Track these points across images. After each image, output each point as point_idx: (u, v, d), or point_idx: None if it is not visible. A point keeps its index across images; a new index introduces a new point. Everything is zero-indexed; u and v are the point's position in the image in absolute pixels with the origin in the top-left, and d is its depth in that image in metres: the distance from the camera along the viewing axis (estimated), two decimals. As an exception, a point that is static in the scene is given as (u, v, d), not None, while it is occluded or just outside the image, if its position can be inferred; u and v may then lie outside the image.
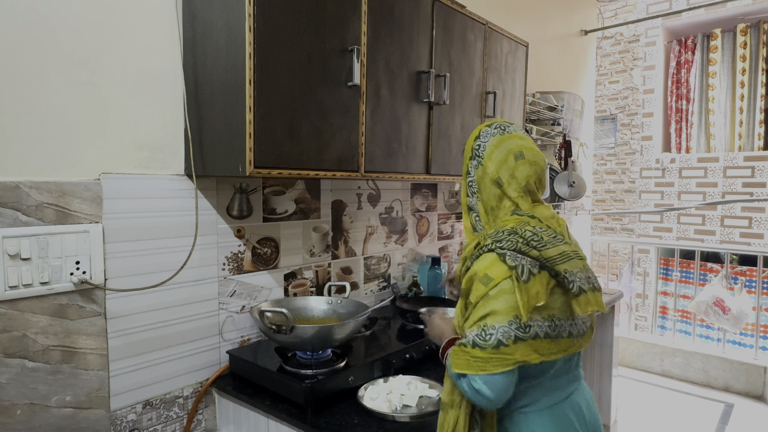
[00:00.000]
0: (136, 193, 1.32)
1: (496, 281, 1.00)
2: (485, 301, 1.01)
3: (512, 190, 1.10)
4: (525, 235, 1.03)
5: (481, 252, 1.06)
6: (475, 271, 1.04)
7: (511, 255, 1.01)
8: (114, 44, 1.27)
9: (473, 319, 1.02)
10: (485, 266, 1.03)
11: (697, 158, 3.88)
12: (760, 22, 3.78)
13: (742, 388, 3.47)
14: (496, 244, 1.04)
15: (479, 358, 0.98)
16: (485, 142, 1.14)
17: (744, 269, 3.68)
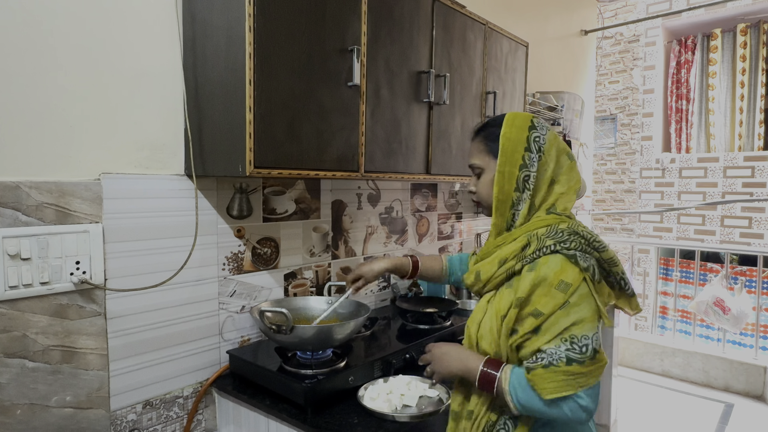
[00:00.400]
0: (136, 193, 1.32)
1: (574, 286, 0.93)
2: (566, 310, 0.93)
3: (560, 188, 1.05)
4: (585, 237, 0.98)
5: (540, 254, 0.97)
6: (543, 276, 0.95)
7: (581, 255, 0.96)
8: (114, 44, 1.27)
9: (554, 331, 0.93)
10: (557, 270, 0.94)
11: (697, 158, 3.88)
12: (760, 22, 3.78)
13: (742, 388, 3.47)
14: (561, 245, 0.96)
15: (579, 374, 0.90)
16: (544, 135, 1.06)
17: (744, 269, 3.68)
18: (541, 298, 0.95)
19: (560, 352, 0.91)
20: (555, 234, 0.98)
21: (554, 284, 0.94)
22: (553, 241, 0.97)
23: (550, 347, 0.93)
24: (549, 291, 0.94)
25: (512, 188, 1.05)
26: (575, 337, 0.92)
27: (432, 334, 1.72)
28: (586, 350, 0.91)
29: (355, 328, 1.42)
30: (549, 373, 0.91)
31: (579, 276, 0.94)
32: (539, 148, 1.05)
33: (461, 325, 1.84)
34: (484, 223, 2.82)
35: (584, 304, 0.94)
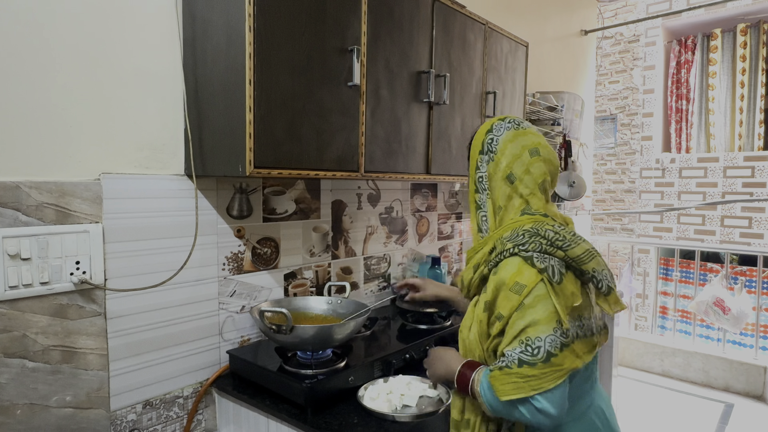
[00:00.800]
0: (136, 193, 1.32)
1: (529, 287, 0.93)
2: (521, 312, 0.93)
3: (524, 187, 1.05)
4: (547, 235, 0.97)
5: (502, 257, 0.99)
6: (502, 279, 0.96)
7: (538, 256, 0.95)
8: (114, 44, 1.27)
9: (511, 334, 0.94)
10: (513, 273, 0.95)
11: (697, 158, 3.88)
12: (760, 22, 3.78)
13: (742, 388, 3.47)
14: (519, 248, 0.97)
15: (531, 376, 0.90)
16: (498, 135, 1.08)
17: (744, 269, 3.68)
18: (502, 301, 0.96)
19: (514, 354, 0.92)
20: (515, 236, 0.99)
21: (509, 286, 0.95)
22: (512, 244, 0.98)
23: (508, 349, 0.94)
24: (507, 294, 0.96)
25: (473, 190, 1.10)
26: (529, 339, 0.92)
27: (432, 334, 1.72)
28: (538, 352, 0.90)
29: (355, 328, 1.42)
30: (503, 375, 0.92)
31: (536, 277, 0.94)
32: (491, 149, 1.08)
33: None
34: (484, 223, 2.82)
35: (539, 306, 0.92)
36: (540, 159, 1.06)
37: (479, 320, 1.02)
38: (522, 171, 1.05)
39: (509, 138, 1.07)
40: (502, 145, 1.07)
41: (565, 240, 0.98)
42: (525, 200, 1.05)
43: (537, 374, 0.90)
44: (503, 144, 1.07)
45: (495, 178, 1.07)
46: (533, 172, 1.05)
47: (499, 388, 0.92)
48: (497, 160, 1.06)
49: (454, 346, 1.30)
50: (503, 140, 1.07)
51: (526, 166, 1.05)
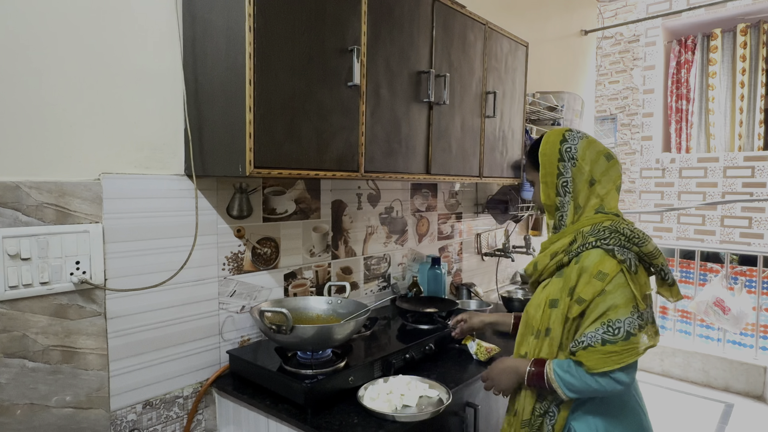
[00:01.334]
0: (136, 193, 1.32)
1: (611, 275, 1.09)
2: (603, 297, 1.09)
3: (602, 187, 1.19)
4: (625, 233, 1.13)
5: (583, 249, 1.14)
6: (585, 267, 1.12)
7: (619, 250, 1.11)
8: (114, 44, 1.27)
9: (592, 317, 1.10)
10: (596, 262, 1.11)
11: (697, 158, 3.88)
12: (760, 22, 3.78)
13: (742, 388, 3.47)
14: (601, 241, 1.13)
15: (613, 352, 1.06)
16: (575, 144, 1.21)
17: (744, 269, 3.68)
18: (584, 286, 1.12)
19: (597, 335, 1.08)
20: (597, 232, 1.15)
21: (593, 274, 1.11)
22: (595, 238, 1.14)
23: (590, 331, 1.09)
24: (589, 280, 1.11)
25: (554, 194, 1.23)
26: (611, 321, 1.08)
27: (432, 334, 1.72)
28: (618, 332, 1.07)
29: (355, 328, 1.42)
30: (588, 354, 1.08)
31: (616, 267, 1.10)
32: (572, 157, 1.21)
33: (461, 325, 1.84)
34: (484, 223, 2.82)
35: (619, 292, 1.09)
36: (615, 162, 1.22)
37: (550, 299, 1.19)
38: (601, 174, 1.20)
39: (585, 146, 1.21)
40: (582, 152, 1.20)
41: (640, 238, 1.14)
42: (601, 199, 1.20)
43: (618, 350, 1.06)
44: (582, 151, 1.20)
45: (578, 181, 1.20)
46: (611, 174, 1.21)
47: (588, 364, 1.08)
48: (579, 165, 1.20)
49: (454, 345, 1.57)
50: (581, 148, 1.21)
51: (605, 170, 1.20)
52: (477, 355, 1.66)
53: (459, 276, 2.64)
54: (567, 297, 1.15)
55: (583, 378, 1.10)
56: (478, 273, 2.79)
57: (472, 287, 2.45)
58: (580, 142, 1.22)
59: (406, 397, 1.32)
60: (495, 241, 2.94)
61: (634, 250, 1.13)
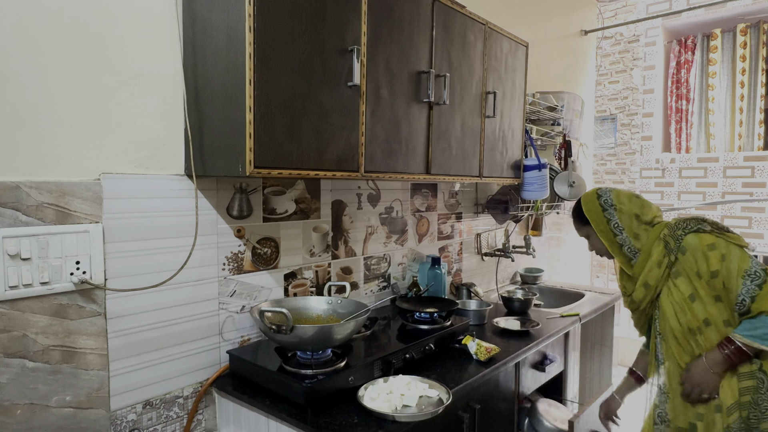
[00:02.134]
0: (136, 193, 1.32)
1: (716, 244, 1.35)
2: (727, 260, 1.32)
3: (647, 216, 1.51)
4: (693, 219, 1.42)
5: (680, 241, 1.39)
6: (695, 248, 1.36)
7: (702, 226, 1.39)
8: (114, 44, 1.27)
9: (733, 278, 1.31)
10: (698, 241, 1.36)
11: (697, 158, 3.88)
12: (760, 22, 3.78)
13: (742, 388, 3.46)
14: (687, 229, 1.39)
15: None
16: (609, 196, 1.55)
17: (744, 269, 3.68)
18: (705, 262, 1.35)
19: (750, 286, 1.29)
20: (677, 227, 1.41)
21: (704, 250, 1.35)
22: (681, 230, 1.40)
23: (741, 288, 1.30)
24: (706, 254, 1.35)
25: (612, 236, 1.53)
26: (747, 271, 1.30)
27: (432, 334, 1.72)
28: (759, 275, 1.29)
29: (355, 328, 1.42)
30: (757, 303, 1.28)
31: (712, 236, 1.36)
32: (611, 205, 1.53)
33: (461, 325, 1.84)
34: (484, 223, 2.82)
35: (732, 251, 1.33)
36: (641, 198, 1.56)
37: (686, 297, 1.39)
38: (639, 208, 1.52)
39: (615, 194, 1.55)
40: (615, 199, 1.54)
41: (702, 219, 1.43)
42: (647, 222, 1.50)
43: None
44: (615, 199, 1.54)
45: (623, 219, 1.51)
46: (645, 206, 1.53)
47: (764, 308, 1.26)
48: (620, 208, 1.52)
49: (454, 345, 1.70)
50: (613, 197, 1.55)
51: (641, 206, 1.53)
52: (477, 355, 1.67)
53: (459, 276, 2.64)
54: (699, 280, 1.37)
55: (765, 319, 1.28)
56: (478, 273, 2.79)
57: (472, 287, 2.45)
58: (611, 193, 1.56)
59: (406, 397, 1.32)
60: (495, 241, 2.94)
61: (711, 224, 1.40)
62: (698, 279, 1.37)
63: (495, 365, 1.65)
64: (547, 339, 1.98)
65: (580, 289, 2.86)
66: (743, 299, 1.30)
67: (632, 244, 1.50)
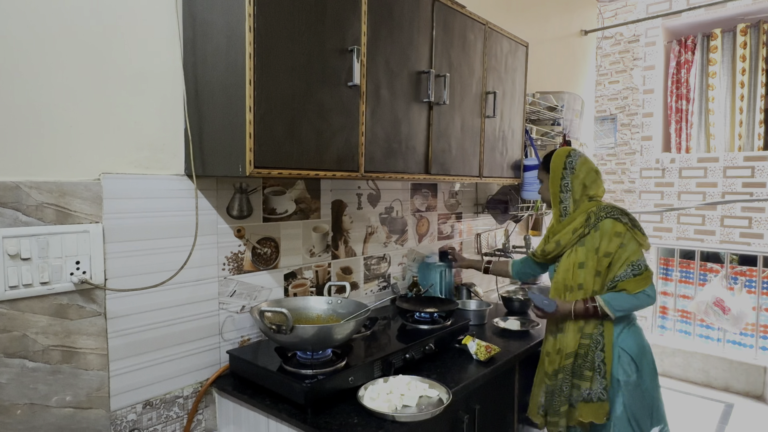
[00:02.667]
0: (136, 193, 1.32)
1: (623, 233, 1.67)
2: (623, 248, 1.66)
3: (592, 190, 1.77)
4: (618, 208, 1.72)
5: (599, 220, 1.69)
6: (605, 231, 1.67)
7: (622, 217, 1.69)
8: (114, 44, 1.27)
9: (620, 263, 1.66)
10: (611, 227, 1.67)
11: (697, 158, 3.88)
12: (760, 22, 3.78)
13: (742, 388, 3.47)
14: (609, 214, 1.69)
15: (641, 279, 1.63)
16: (575, 159, 1.78)
17: (744, 269, 3.68)
18: (607, 244, 1.67)
19: (628, 272, 1.65)
20: (604, 208, 1.71)
21: (612, 235, 1.67)
22: (604, 213, 1.70)
23: (621, 272, 1.66)
24: (611, 239, 1.67)
25: (558, 191, 1.80)
26: (633, 262, 1.65)
27: (432, 334, 1.72)
28: (640, 268, 1.65)
29: (355, 328, 1.42)
30: (625, 283, 1.64)
31: (623, 228, 1.68)
32: (572, 168, 1.78)
33: (461, 325, 1.84)
34: (484, 223, 2.82)
35: (631, 243, 1.67)
36: (600, 177, 1.81)
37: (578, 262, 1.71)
38: (591, 182, 1.78)
39: (582, 161, 1.79)
40: (578, 167, 1.78)
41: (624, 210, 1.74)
42: (590, 196, 1.77)
43: (643, 277, 1.64)
44: (579, 166, 1.78)
45: (575, 184, 1.77)
46: (597, 182, 1.79)
47: (628, 288, 1.64)
48: (576, 174, 1.78)
49: (454, 345, 1.76)
50: (577, 163, 1.79)
51: (594, 179, 1.79)
52: (477, 355, 1.67)
53: (459, 276, 2.64)
54: (594, 255, 1.68)
55: (627, 299, 1.64)
56: (477, 273, 2.79)
57: (471, 287, 2.45)
58: (579, 158, 1.79)
59: (406, 397, 1.32)
60: (495, 241, 2.94)
61: (627, 216, 1.70)
62: (594, 253, 1.69)
63: (495, 365, 1.65)
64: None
65: (580, 289, 2.85)
66: (618, 280, 1.66)
67: (568, 206, 1.78)
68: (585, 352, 1.70)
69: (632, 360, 1.70)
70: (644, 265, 1.65)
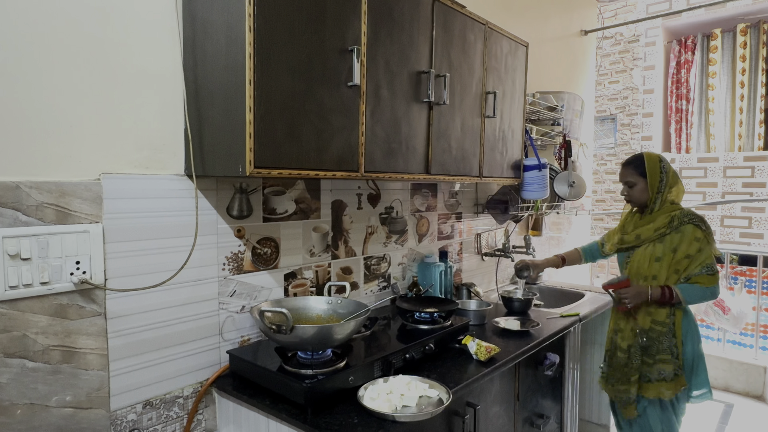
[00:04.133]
0: (136, 193, 1.32)
1: (701, 239, 1.91)
2: (701, 252, 1.91)
3: (676, 191, 2.02)
4: (699, 216, 1.95)
5: (682, 224, 1.93)
6: (686, 234, 1.91)
7: (702, 224, 1.93)
8: (114, 44, 1.27)
9: (696, 263, 1.91)
10: (691, 231, 1.91)
11: (697, 158, 3.88)
12: (760, 22, 3.78)
13: (742, 388, 3.47)
14: (691, 220, 1.92)
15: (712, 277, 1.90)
16: (666, 165, 2.01)
17: (744, 269, 3.68)
18: (687, 246, 1.92)
19: (703, 270, 1.91)
20: (686, 215, 1.94)
21: (692, 239, 1.91)
22: (687, 218, 1.93)
23: (697, 269, 1.91)
24: (691, 242, 1.91)
25: (655, 191, 2.00)
26: (707, 264, 1.91)
27: (432, 334, 1.72)
28: (712, 269, 1.91)
29: (355, 328, 1.42)
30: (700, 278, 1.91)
31: (702, 233, 1.92)
32: (666, 172, 2.00)
33: (461, 325, 1.84)
34: (484, 223, 2.82)
35: (707, 248, 1.92)
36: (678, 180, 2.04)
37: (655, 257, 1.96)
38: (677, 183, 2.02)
39: (669, 167, 2.02)
40: (668, 169, 2.01)
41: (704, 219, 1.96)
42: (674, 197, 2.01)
43: (715, 277, 1.91)
44: (668, 169, 2.01)
45: (666, 186, 2.00)
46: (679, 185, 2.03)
47: (702, 282, 1.90)
48: (667, 177, 2.00)
49: (454, 345, 1.75)
50: (668, 168, 2.01)
51: (676, 182, 2.03)
52: (477, 355, 1.67)
53: (459, 276, 2.64)
54: (671, 253, 1.93)
55: (700, 291, 1.90)
56: (478, 273, 2.79)
57: (472, 287, 2.45)
58: (667, 164, 2.02)
59: (406, 397, 1.32)
60: (495, 241, 2.94)
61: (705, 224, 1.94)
62: (671, 252, 1.94)
63: (495, 365, 1.65)
64: (547, 339, 1.98)
65: (580, 289, 2.86)
66: (694, 275, 1.92)
67: (656, 206, 2.00)
68: (658, 336, 1.96)
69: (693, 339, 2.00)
70: (716, 268, 1.92)
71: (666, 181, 1.99)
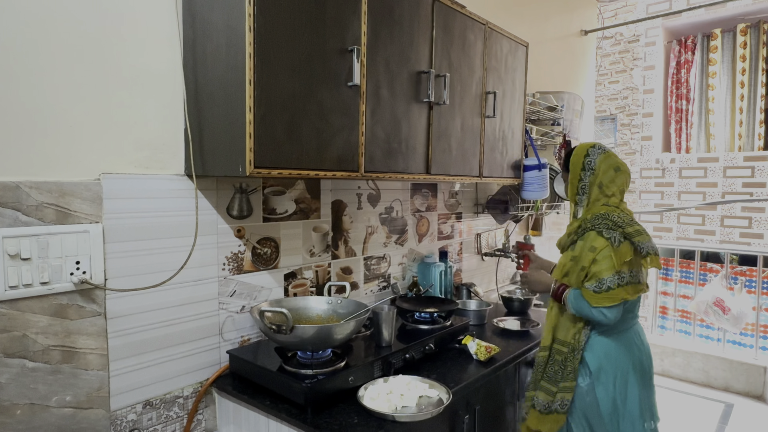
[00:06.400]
0: (136, 193, 1.32)
1: (599, 249, 1.56)
2: (595, 263, 1.56)
3: (608, 190, 1.65)
4: (613, 219, 1.57)
5: (584, 231, 1.61)
6: (584, 243, 1.59)
7: (606, 231, 1.56)
8: (114, 44, 1.27)
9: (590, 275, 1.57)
10: (590, 239, 1.58)
11: (697, 158, 3.88)
12: (760, 22, 3.78)
13: (742, 388, 3.47)
14: (594, 226, 1.58)
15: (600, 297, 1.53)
16: (594, 158, 1.67)
17: (744, 269, 3.68)
18: (583, 256, 1.59)
19: (591, 287, 1.55)
20: (593, 219, 1.60)
21: (588, 248, 1.58)
22: (590, 224, 1.60)
23: (588, 284, 1.57)
24: (586, 253, 1.58)
25: (575, 192, 1.71)
26: (599, 280, 1.54)
27: (432, 334, 1.72)
28: (602, 287, 1.53)
29: (355, 328, 1.42)
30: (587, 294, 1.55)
31: (604, 243, 1.55)
32: (591, 168, 1.67)
33: (461, 325, 1.84)
34: (484, 223, 2.82)
35: (605, 261, 1.54)
36: (622, 173, 1.67)
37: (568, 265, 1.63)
38: (608, 181, 1.65)
39: (601, 159, 1.66)
40: (598, 165, 1.66)
41: (625, 222, 1.57)
42: (608, 198, 1.64)
43: (602, 297, 1.53)
44: (598, 164, 1.66)
45: (592, 186, 1.66)
46: (617, 182, 1.66)
47: (588, 299, 1.55)
48: (595, 174, 1.66)
49: (454, 345, 1.71)
50: (598, 162, 1.66)
51: (612, 178, 1.65)
52: (477, 355, 1.66)
53: (459, 276, 2.64)
54: (572, 263, 1.62)
55: (584, 306, 1.56)
56: (478, 273, 2.79)
57: (471, 287, 2.45)
58: (599, 156, 1.67)
59: (406, 397, 1.32)
60: (495, 241, 2.94)
61: (618, 231, 1.56)
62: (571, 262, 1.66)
63: (495, 365, 1.65)
64: (547, 339, 1.97)
65: (580, 289, 2.85)
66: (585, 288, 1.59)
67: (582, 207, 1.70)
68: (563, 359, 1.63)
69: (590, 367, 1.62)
70: (607, 286, 1.52)
71: (591, 177, 1.65)
